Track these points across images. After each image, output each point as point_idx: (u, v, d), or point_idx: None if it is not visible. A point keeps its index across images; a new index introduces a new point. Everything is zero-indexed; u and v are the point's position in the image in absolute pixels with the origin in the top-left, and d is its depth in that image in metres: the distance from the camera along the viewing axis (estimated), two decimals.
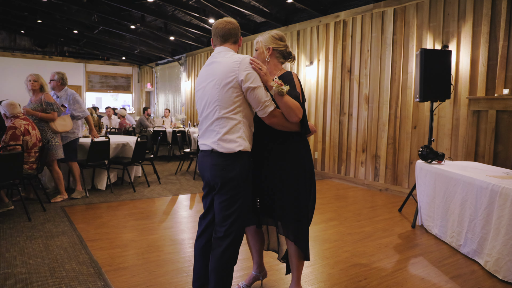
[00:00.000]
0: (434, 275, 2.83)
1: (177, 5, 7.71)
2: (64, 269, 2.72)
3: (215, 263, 2.00)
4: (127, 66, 16.31)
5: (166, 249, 3.20)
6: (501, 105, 4.20)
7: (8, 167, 3.72)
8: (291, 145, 2.17)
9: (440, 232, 3.59)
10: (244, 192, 2.01)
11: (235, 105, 1.97)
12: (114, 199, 4.88)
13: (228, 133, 1.96)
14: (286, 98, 2.01)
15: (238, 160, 1.97)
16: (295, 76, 2.21)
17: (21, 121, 4.13)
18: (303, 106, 2.14)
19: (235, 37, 2.15)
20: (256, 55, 2.28)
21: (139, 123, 9.82)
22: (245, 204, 2.02)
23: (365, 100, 6.14)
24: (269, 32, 2.27)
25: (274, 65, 2.27)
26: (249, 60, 2.00)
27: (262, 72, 1.99)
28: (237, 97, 1.97)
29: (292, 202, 2.15)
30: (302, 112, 2.07)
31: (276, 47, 2.23)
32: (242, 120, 1.99)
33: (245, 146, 1.98)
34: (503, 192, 2.77)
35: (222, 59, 2.05)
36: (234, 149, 1.95)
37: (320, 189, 5.98)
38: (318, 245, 3.41)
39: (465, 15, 4.79)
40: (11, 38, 13.95)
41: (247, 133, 2.02)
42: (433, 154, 3.89)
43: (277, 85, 1.97)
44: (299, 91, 2.15)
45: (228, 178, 1.96)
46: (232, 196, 1.98)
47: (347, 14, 6.38)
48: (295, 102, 2.04)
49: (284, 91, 1.98)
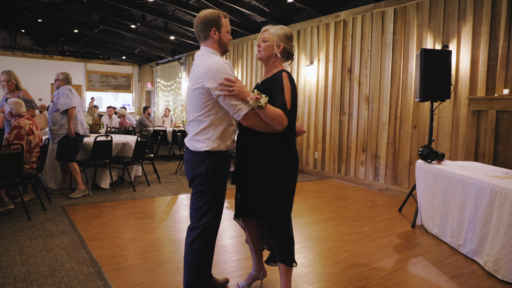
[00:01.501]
0: (434, 275, 2.83)
1: (177, 5, 7.71)
2: (64, 269, 2.72)
3: (185, 253, 2.14)
4: (128, 65, 16.31)
5: (166, 249, 3.20)
6: (501, 105, 4.20)
7: (8, 167, 3.72)
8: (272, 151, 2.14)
9: (440, 232, 3.59)
10: (212, 189, 2.08)
11: (205, 109, 2.03)
12: (114, 199, 4.88)
13: (198, 134, 2.07)
14: (266, 109, 1.97)
15: (206, 158, 2.06)
16: (286, 77, 2.11)
17: (26, 121, 4.14)
18: (292, 110, 2.08)
19: (202, 33, 2.10)
20: (263, 46, 2.18)
21: (139, 122, 9.82)
22: (213, 200, 2.09)
23: (365, 100, 6.14)
24: (283, 28, 2.18)
25: (276, 63, 2.22)
26: (217, 67, 1.96)
27: (234, 93, 1.95)
28: (207, 101, 2.02)
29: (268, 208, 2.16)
30: (286, 120, 2.02)
31: (286, 47, 2.19)
32: (214, 123, 2.05)
33: (212, 146, 2.05)
34: (503, 192, 2.77)
35: (198, 62, 2.08)
36: (201, 149, 2.06)
37: (320, 188, 5.98)
38: (318, 244, 3.41)
39: (465, 15, 4.79)
40: (11, 37, 13.96)
41: (219, 135, 2.07)
42: (433, 154, 3.89)
43: (253, 101, 1.94)
44: (288, 95, 2.07)
45: (195, 174, 2.08)
46: (200, 191, 2.09)
47: (347, 14, 6.38)
48: (277, 112, 1.99)
49: (262, 103, 1.94)
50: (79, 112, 4.90)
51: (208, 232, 2.09)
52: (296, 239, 3.54)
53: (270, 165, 2.13)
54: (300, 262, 2.99)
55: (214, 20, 2.09)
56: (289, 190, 2.18)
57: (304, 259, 3.07)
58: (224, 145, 2.10)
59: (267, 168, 2.14)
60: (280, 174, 2.13)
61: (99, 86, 15.85)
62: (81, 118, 4.92)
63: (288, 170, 2.15)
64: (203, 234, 2.08)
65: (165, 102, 13.97)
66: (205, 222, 2.07)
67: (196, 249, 2.07)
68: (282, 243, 2.19)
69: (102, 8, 8.90)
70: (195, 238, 2.08)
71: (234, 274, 2.74)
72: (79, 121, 4.88)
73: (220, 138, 2.07)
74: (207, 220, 2.07)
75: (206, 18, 2.09)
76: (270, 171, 2.14)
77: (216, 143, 2.06)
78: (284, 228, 2.18)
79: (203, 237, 2.08)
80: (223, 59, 2.04)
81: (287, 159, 2.16)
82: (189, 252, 2.09)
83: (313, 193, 5.66)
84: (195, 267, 2.09)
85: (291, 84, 2.11)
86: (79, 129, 4.86)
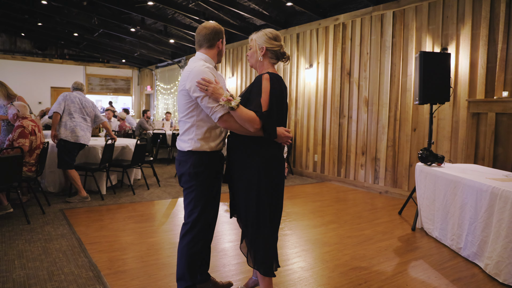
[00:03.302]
0: (435, 278, 2.82)
1: (177, 8, 7.73)
2: (63, 273, 2.71)
3: (178, 246, 2.25)
4: (127, 68, 16.33)
5: (166, 252, 3.19)
6: (500, 108, 4.20)
7: (7, 170, 3.71)
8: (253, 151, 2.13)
9: (440, 235, 3.58)
10: (197, 187, 2.17)
11: (188, 111, 2.14)
12: (114, 202, 4.87)
13: (183, 134, 2.19)
14: (238, 111, 1.99)
15: (190, 158, 2.16)
16: (267, 78, 2.08)
17: (29, 122, 4.25)
18: (270, 112, 2.03)
19: (209, 42, 2.22)
20: (249, 54, 2.24)
21: (138, 125, 9.82)
22: (199, 198, 2.17)
23: (364, 103, 6.14)
24: (264, 31, 2.19)
25: (264, 66, 2.20)
26: (198, 71, 2.06)
27: (208, 93, 2.01)
28: (189, 103, 2.12)
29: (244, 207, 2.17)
30: (257, 123, 2.00)
31: (270, 47, 2.16)
32: (196, 124, 2.14)
33: (195, 147, 2.14)
34: (503, 194, 2.76)
35: (187, 66, 2.18)
36: (185, 149, 2.18)
37: (319, 191, 5.97)
38: (318, 248, 3.40)
39: (464, 18, 4.80)
40: (11, 41, 13.98)
41: (202, 136, 2.15)
42: (433, 157, 3.88)
43: (224, 102, 1.99)
44: (266, 97, 2.04)
45: (181, 172, 2.21)
46: (187, 189, 2.21)
47: (346, 17, 6.40)
48: (249, 114, 1.99)
49: (233, 105, 1.97)
50: (73, 119, 4.73)
51: (197, 229, 2.18)
52: (296, 242, 3.52)
53: (249, 164, 2.13)
54: (300, 266, 2.98)
55: (221, 32, 2.25)
56: (267, 191, 2.12)
57: (304, 262, 3.06)
58: (208, 146, 2.17)
59: (245, 166, 2.15)
60: (256, 173, 2.10)
61: (98, 89, 15.86)
62: (73, 125, 4.71)
63: (266, 170, 2.11)
64: (192, 230, 2.18)
65: (164, 105, 13.98)
66: (193, 219, 2.18)
67: (186, 244, 2.19)
68: (254, 247, 2.17)
69: (101, 12, 8.92)
70: (185, 233, 2.20)
71: (234, 278, 2.73)
72: (69, 128, 4.70)
73: (203, 139, 2.15)
74: (195, 217, 2.18)
75: (216, 29, 2.22)
76: (247, 170, 2.14)
77: (199, 143, 2.15)
78: (258, 231, 2.15)
79: (192, 233, 2.18)
80: (207, 65, 2.14)
81: (266, 160, 2.12)
82: (180, 246, 2.22)
83: (312, 196, 5.65)
84: (185, 262, 2.19)
85: (272, 86, 2.07)
86: (69, 136, 4.68)
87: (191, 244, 2.18)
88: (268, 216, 2.14)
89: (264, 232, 2.15)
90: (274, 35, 2.18)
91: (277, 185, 2.17)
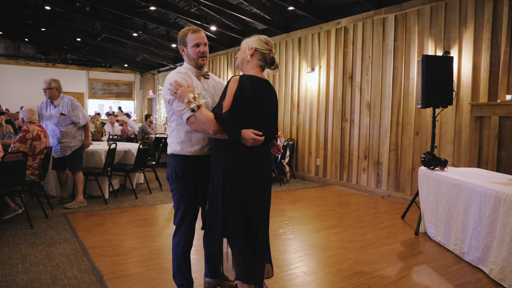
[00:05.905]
0: (438, 283, 2.80)
1: (179, 13, 7.77)
2: (66, 277, 2.71)
3: None
4: (130, 73, 16.41)
5: (168, 257, 3.18)
6: (503, 111, 4.18)
7: (11, 174, 3.72)
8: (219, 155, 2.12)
9: (443, 240, 3.56)
10: (179, 190, 2.25)
11: (169, 115, 2.25)
12: (116, 206, 4.88)
13: (169, 138, 2.32)
14: (198, 113, 2.05)
15: (172, 161, 2.27)
16: (235, 80, 2.05)
17: (35, 127, 4.31)
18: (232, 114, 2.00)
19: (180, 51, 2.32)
20: (238, 53, 2.24)
21: (141, 130, 9.84)
22: (180, 201, 2.25)
23: (367, 107, 6.14)
24: (257, 35, 2.21)
25: (248, 67, 2.17)
26: (169, 76, 2.17)
27: (176, 96, 2.09)
28: (168, 107, 2.21)
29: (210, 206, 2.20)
30: (214, 125, 2.01)
31: (259, 48, 2.14)
32: (177, 128, 2.23)
33: (175, 150, 2.24)
34: (507, 199, 2.75)
35: None
36: (168, 152, 2.29)
37: (322, 195, 5.96)
38: (321, 252, 3.38)
39: (466, 21, 4.80)
40: (15, 46, 14.09)
41: (182, 139, 2.22)
42: (436, 161, 3.87)
43: (185, 104, 2.06)
44: (229, 99, 2.02)
45: (166, 174, 2.33)
46: (172, 190, 2.30)
47: (348, 20, 6.41)
48: (207, 116, 2.03)
49: (192, 107, 2.04)
50: None
51: (182, 230, 2.27)
52: (298, 247, 3.51)
53: (216, 167, 2.13)
54: (302, 270, 2.96)
55: (181, 39, 2.29)
56: (232, 193, 2.07)
57: (306, 267, 3.05)
58: (188, 149, 2.22)
59: (213, 168, 2.15)
60: (220, 177, 2.09)
61: (101, 93, 15.93)
62: None
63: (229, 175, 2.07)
64: (178, 231, 2.29)
65: None
66: (177, 221, 2.29)
67: (176, 244, 2.30)
68: (212, 247, 2.19)
69: (104, 17, 8.98)
70: (174, 234, 2.33)
71: None
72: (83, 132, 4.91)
73: (183, 142, 2.22)
74: (179, 219, 2.28)
75: (179, 36, 2.30)
76: (215, 173, 2.14)
77: (179, 146, 2.22)
78: (215, 233, 2.13)
79: (180, 234, 2.29)
80: (182, 70, 2.22)
81: (228, 164, 2.08)
82: (173, 244, 2.33)
83: (315, 200, 5.64)
84: (175, 261, 2.31)
85: (239, 88, 2.02)
86: None
87: (180, 245, 2.28)
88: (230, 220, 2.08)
89: (217, 236, 2.13)
90: (266, 40, 2.20)
91: (243, 189, 2.08)
